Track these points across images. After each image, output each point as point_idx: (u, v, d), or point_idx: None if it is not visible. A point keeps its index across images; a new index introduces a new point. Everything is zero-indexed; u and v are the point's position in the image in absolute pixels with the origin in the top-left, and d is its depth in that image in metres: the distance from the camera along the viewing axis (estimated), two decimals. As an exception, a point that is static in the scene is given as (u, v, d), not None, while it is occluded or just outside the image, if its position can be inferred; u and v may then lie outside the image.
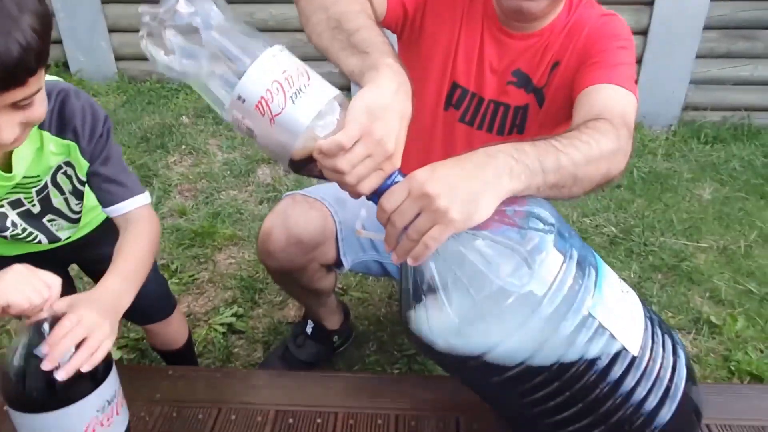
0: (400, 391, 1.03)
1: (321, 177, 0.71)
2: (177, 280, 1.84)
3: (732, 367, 1.56)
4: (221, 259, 1.96)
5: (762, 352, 1.63)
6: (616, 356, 0.65)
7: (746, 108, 3.06)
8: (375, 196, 0.68)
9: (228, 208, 2.22)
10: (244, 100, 0.66)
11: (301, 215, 1.14)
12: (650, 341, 0.69)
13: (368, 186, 0.68)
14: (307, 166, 0.70)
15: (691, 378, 0.71)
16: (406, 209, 0.64)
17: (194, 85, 0.70)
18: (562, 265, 0.64)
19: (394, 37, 1.14)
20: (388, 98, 0.69)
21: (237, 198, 2.31)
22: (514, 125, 1.13)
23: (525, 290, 0.62)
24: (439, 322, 0.66)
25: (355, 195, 0.70)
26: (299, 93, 0.66)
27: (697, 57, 2.95)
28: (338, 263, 1.22)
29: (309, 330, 1.46)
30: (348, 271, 1.28)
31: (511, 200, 0.67)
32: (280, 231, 1.14)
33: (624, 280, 0.77)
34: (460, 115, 1.16)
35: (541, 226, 0.66)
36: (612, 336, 0.65)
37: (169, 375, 1.07)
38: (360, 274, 1.82)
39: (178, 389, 1.03)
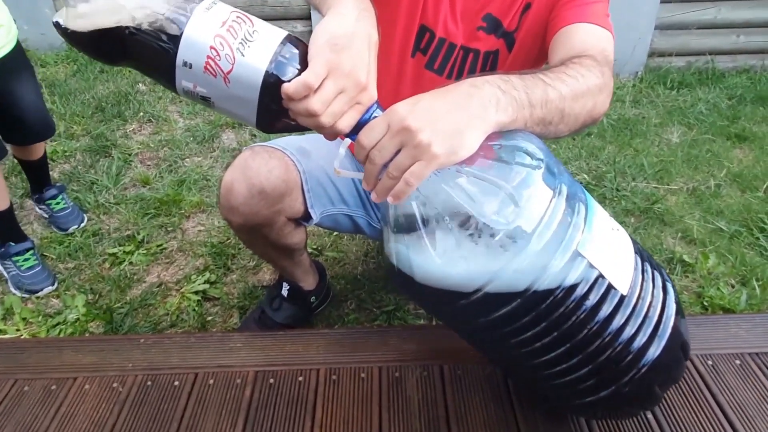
0: (382, 343, 1.01)
1: (296, 129, 0.67)
2: (144, 251, 1.77)
3: (705, 303, 1.59)
4: (190, 227, 1.89)
5: (733, 286, 1.66)
6: (605, 295, 0.63)
7: (710, 52, 3.08)
8: (353, 133, 0.64)
9: (193, 175, 2.14)
10: (190, 66, 0.60)
11: (262, 165, 1.09)
12: (640, 278, 0.67)
13: (346, 123, 0.63)
14: (278, 121, 0.66)
15: (679, 313, 0.70)
16: (385, 145, 0.60)
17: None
18: (551, 201, 0.61)
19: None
20: (351, 26, 0.64)
21: (202, 164, 2.23)
22: (483, 72, 1.10)
23: (512, 227, 0.59)
24: (423, 263, 0.63)
25: (333, 136, 0.66)
26: (246, 41, 0.60)
27: (662, 2, 2.94)
28: (306, 216, 1.18)
29: (285, 292, 1.42)
30: (317, 226, 1.24)
31: (498, 135, 0.64)
32: (241, 183, 1.09)
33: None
34: (427, 61, 1.11)
35: (528, 161, 0.63)
36: (601, 275, 0.63)
37: (141, 343, 1.02)
38: (332, 232, 1.79)
39: (152, 357, 0.99)
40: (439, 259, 0.62)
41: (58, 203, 1.88)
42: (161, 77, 0.64)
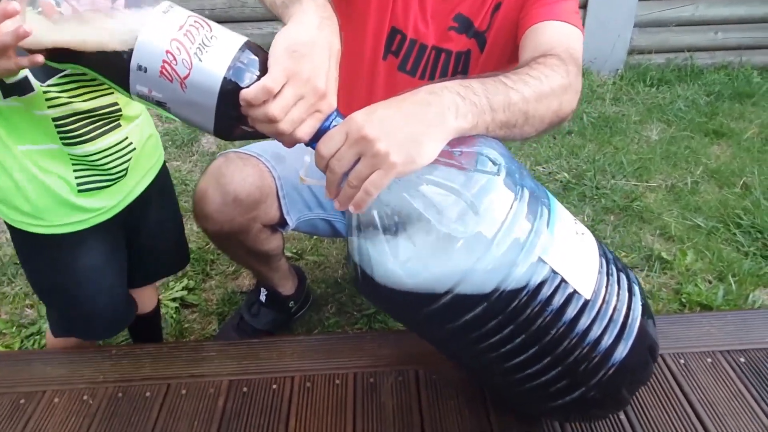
0: (357, 349, 1.00)
1: (254, 136, 0.66)
2: (122, 258, 1.75)
3: (683, 300, 1.60)
4: (168, 233, 1.87)
5: (710, 282, 1.68)
6: (569, 298, 0.63)
7: (688, 49, 3.10)
8: (313, 141, 0.64)
9: (172, 179, 2.11)
10: (145, 70, 0.59)
11: (236, 172, 1.09)
12: (605, 281, 0.67)
13: (306, 131, 0.63)
14: (236, 128, 0.65)
15: (646, 314, 0.70)
16: (344, 154, 0.60)
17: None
18: (512, 206, 0.61)
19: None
20: (312, 34, 0.64)
21: (181, 169, 2.21)
22: (456, 72, 1.10)
23: (471, 234, 0.59)
24: (386, 270, 0.63)
25: (292, 144, 0.65)
26: (204, 47, 0.59)
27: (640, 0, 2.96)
28: (282, 222, 1.17)
29: (263, 298, 1.41)
30: (294, 231, 1.23)
31: (459, 141, 0.63)
32: (215, 190, 1.08)
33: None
34: (399, 62, 1.11)
35: (489, 166, 0.63)
36: (564, 280, 0.63)
37: (113, 354, 1.01)
38: (311, 236, 1.78)
39: (123, 368, 0.98)
40: (401, 268, 0.62)
41: None
42: (113, 80, 0.62)
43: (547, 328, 0.63)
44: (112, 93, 0.86)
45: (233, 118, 0.62)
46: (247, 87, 0.60)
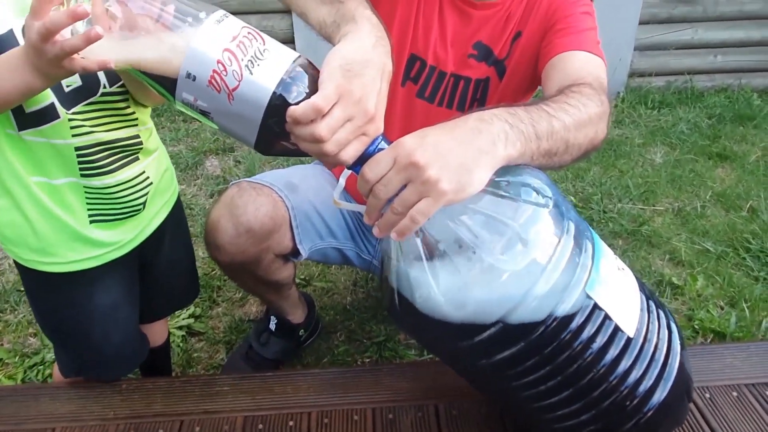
0: (374, 383, 0.98)
1: (293, 153, 0.65)
2: (126, 284, 1.72)
3: (696, 326, 1.59)
4: (173, 258, 1.85)
5: (722, 308, 1.66)
6: (612, 337, 0.62)
7: (688, 72, 3.13)
8: (357, 165, 0.62)
9: (176, 203, 2.10)
10: (194, 78, 0.58)
11: (249, 202, 1.07)
12: (646, 319, 0.66)
13: (351, 153, 0.61)
14: (278, 144, 0.63)
15: (683, 349, 0.69)
16: (391, 179, 0.59)
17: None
18: (559, 240, 0.60)
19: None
20: (366, 53, 0.63)
21: (185, 192, 2.19)
22: (474, 99, 1.10)
23: (519, 268, 0.58)
24: (429, 302, 0.61)
25: (334, 165, 0.64)
26: (256, 59, 0.58)
27: (640, 23, 2.99)
28: (294, 252, 1.15)
29: (272, 326, 1.39)
30: (306, 260, 1.21)
31: (504, 169, 0.63)
32: (228, 221, 1.07)
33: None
34: (418, 90, 1.10)
35: (535, 197, 0.62)
36: (608, 317, 0.61)
37: (123, 389, 0.98)
38: (320, 263, 1.76)
39: (134, 404, 0.95)
40: (443, 297, 0.61)
41: None
42: (160, 84, 0.61)
43: (587, 368, 0.62)
44: (136, 125, 0.85)
45: (277, 133, 0.61)
46: (296, 104, 0.59)
